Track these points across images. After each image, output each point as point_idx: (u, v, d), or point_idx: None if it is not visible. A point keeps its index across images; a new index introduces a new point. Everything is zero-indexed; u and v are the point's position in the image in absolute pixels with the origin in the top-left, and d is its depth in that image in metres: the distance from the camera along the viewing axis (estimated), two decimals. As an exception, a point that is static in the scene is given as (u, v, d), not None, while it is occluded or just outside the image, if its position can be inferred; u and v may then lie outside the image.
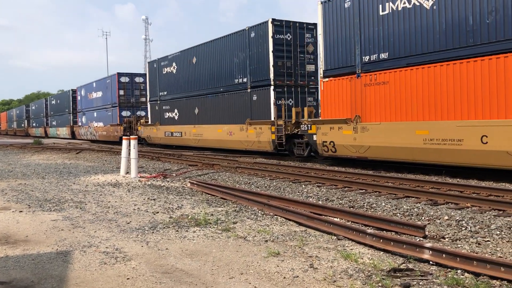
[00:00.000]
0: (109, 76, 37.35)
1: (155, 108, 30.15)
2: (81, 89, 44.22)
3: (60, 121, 52.70)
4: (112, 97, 36.11)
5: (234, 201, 9.30)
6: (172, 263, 5.28)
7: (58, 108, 53.29)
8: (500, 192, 9.36)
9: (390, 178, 11.87)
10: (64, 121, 50.56)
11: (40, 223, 7.51)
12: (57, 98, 54.31)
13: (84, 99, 43.85)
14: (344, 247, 5.86)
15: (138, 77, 36.11)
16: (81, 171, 15.85)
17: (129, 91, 35.29)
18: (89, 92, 41.94)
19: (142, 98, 35.13)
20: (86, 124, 42.90)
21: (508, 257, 5.41)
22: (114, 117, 36.00)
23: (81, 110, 44.57)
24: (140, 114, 34.96)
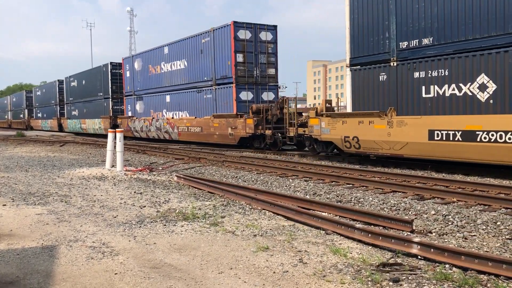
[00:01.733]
0: (207, 31, 22.62)
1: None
2: (132, 60, 31.30)
3: (87, 110, 38.90)
4: (219, 67, 22.12)
5: (221, 195, 9.26)
6: (161, 258, 5.23)
7: (82, 91, 40.14)
8: (485, 187, 9.48)
9: (377, 172, 11.94)
10: (96, 110, 36.66)
11: (24, 217, 7.38)
12: (80, 78, 40.83)
13: (136, 76, 30.86)
14: (333, 241, 5.87)
15: (265, 31, 21.64)
16: (66, 164, 15.64)
17: (250, 57, 21.24)
18: (152, 64, 28.62)
19: (270, 69, 21.91)
20: (144, 115, 29.93)
21: (495, 251, 5.47)
22: (230, 103, 21.58)
23: (131, 93, 31.71)
24: (268, 96, 22.24)
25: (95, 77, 36.92)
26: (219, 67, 22.16)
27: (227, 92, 21.82)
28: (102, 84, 35.35)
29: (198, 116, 24.03)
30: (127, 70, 32.22)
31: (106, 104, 35.07)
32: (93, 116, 37.17)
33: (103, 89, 35.23)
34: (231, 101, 21.48)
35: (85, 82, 39.16)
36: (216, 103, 22.66)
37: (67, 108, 44.82)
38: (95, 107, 36.98)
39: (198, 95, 24.11)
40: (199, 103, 24.11)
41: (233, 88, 21.36)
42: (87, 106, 38.81)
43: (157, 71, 28.19)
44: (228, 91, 21.75)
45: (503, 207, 7.79)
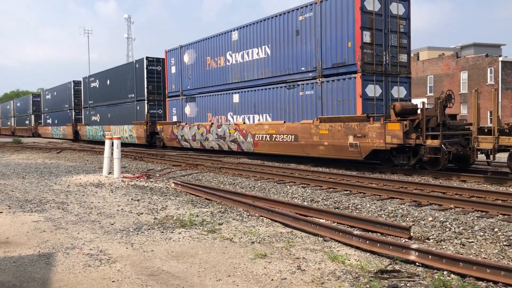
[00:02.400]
0: (310, 4, 16.88)
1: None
2: (180, 53, 24.95)
3: (112, 115, 33.07)
4: (329, 51, 16.27)
5: (219, 202, 9.25)
6: (158, 265, 5.21)
7: (107, 92, 34.02)
8: (482, 193, 9.50)
9: (374, 179, 11.95)
10: (125, 115, 31.04)
11: (21, 224, 7.35)
12: (103, 78, 34.98)
13: (185, 71, 24.54)
14: (331, 248, 5.86)
15: (396, 2, 16.03)
16: (63, 171, 15.59)
17: (379, 37, 15.63)
18: (211, 55, 22.34)
19: (401, 55, 16.27)
20: (197, 119, 23.68)
21: (493, 258, 5.47)
22: (350, 101, 15.53)
23: (177, 93, 25.44)
24: (399, 92, 16.26)
25: (125, 75, 31.05)
26: (330, 52, 16.00)
27: (344, 85, 15.55)
28: (135, 83, 29.45)
29: (289, 120, 17.56)
30: (172, 65, 25.74)
31: (139, 108, 29.08)
32: (121, 122, 31.27)
33: (136, 89, 29.33)
34: (354, 97, 15.27)
35: (111, 82, 33.34)
36: (322, 102, 16.39)
37: (85, 113, 38.71)
38: (124, 111, 31.19)
39: (288, 92, 17.67)
40: (290, 103, 17.54)
41: (358, 80, 15.04)
42: (113, 110, 32.92)
43: (219, 64, 21.65)
44: (347, 84, 15.42)
45: (500, 213, 7.80)
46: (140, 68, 29.02)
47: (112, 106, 33.43)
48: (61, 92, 45.51)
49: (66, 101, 43.91)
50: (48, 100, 50.22)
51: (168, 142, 25.90)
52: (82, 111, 39.80)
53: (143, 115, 28.60)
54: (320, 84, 16.48)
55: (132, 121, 29.70)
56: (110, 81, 33.63)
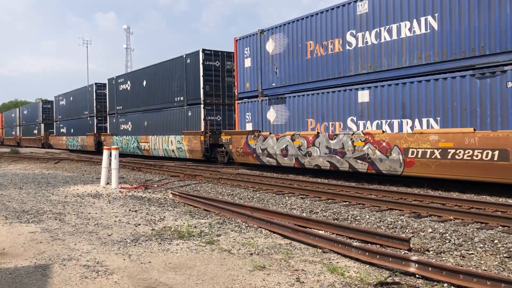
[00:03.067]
0: None
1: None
2: (260, 40, 18.93)
3: (151, 123, 27.80)
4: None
5: (217, 213, 9.20)
6: (156, 277, 5.16)
7: (143, 96, 28.79)
8: (481, 204, 9.47)
9: (373, 190, 11.91)
10: (171, 123, 25.82)
11: (17, 235, 7.28)
12: (136, 79, 29.74)
13: (268, 63, 18.59)
14: (330, 260, 5.82)
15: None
16: (60, 182, 15.53)
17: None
18: (315, 39, 16.46)
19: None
20: (286, 128, 17.76)
21: (493, 270, 5.43)
22: None
23: (255, 93, 19.41)
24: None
25: (170, 74, 25.76)
26: None
27: None
28: (185, 83, 24.15)
29: (483, 127, 11.46)
30: (246, 57, 19.57)
31: (192, 114, 23.62)
32: (165, 131, 26.09)
33: (187, 91, 23.98)
34: None
35: (148, 83, 28.11)
36: None
37: (112, 121, 33.02)
38: (168, 118, 26.01)
39: (480, 84, 11.51)
40: (483, 101, 11.47)
41: None
42: (152, 118, 27.67)
43: (331, 49, 15.70)
44: None
45: (500, 225, 7.77)
46: (193, 64, 23.41)
47: (150, 112, 27.80)
48: (79, 97, 39.46)
49: (85, 107, 37.88)
50: (63, 107, 43.88)
51: (240, 158, 19.69)
52: (108, 118, 34.05)
53: (197, 123, 23.07)
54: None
55: (182, 131, 24.16)
56: (148, 81, 28.06)
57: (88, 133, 37.06)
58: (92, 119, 36.94)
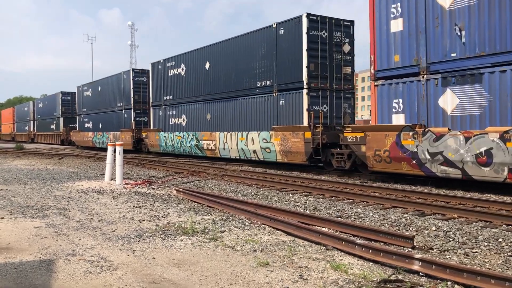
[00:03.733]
0: None
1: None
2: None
3: (217, 116, 22.22)
4: None
5: (221, 209, 9.21)
6: (159, 273, 5.17)
7: (210, 81, 22.74)
8: (485, 203, 9.44)
9: (377, 188, 11.89)
10: (249, 114, 20.08)
11: (22, 230, 7.32)
12: (194, 60, 24.14)
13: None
14: (333, 257, 5.82)
15: None
16: (65, 177, 15.59)
17: None
18: None
19: None
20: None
21: (497, 269, 5.42)
22: None
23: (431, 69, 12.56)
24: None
25: (248, 53, 19.87)
26: None
27: None
28: (275, 62, 18.26)
29: None
30: (394, 18, 13.59)
31: (286, 103, 17.84)
32: (242, 126, 20.29)
33: (281, 72, 18.09)
34: None
35: (214, 65, 22.29)
36: None
37: (157, 113, 27.46)
38: (245, 109, 20.11)
39: None
40: None
41: None
42: (220, 109, 21.84)
43: None
44: None
45: (505, 223, 7.74)
46: (290, 35, 17.71)
47: (216, 102, 22.22)
48: (110, 87, 33.84)
49: (119, 98, 32.20)
50: (88, 98, 38.01)
51: (381, 165, 13.71)
52: (151, 111, 28.35)
53: (295, 115, 17.41)
54: None
55: (272, 125, 18.38)
56: (213, 63, 22.44)
57: (123, 128, 31.32)
58: (128, 112, 31.09)
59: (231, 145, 20.88)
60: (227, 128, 21.37)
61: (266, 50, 18.95)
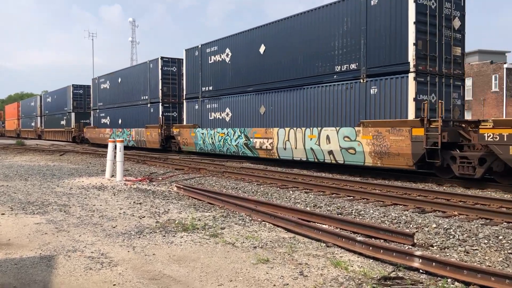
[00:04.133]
0: None
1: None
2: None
3: (276, 108, 18.35)
4: None
5: (221, 206, 9.22)
6: (160, 269, 5.18)
7: (261, 69, 19.13)
8: (486, 200, 9.44)
9: (378, 185, 11.89)
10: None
11: (23, 226, 7.33)
12: (226, 46, 21.48)
13: None
14: (333, 254, 5.82)
15: None
16: (65, 174, 15.59)
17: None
18: None
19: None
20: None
21: (497, 266, 5.42)
22: None
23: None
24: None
25: (325, 27, 16.09)
26: None
27: None
28: (367, 41, 14.67)
29: None
30: None
31: (392, 89, 13.93)
32: (309, 121, 16.66)
33: (386, 55, 14.08)
34: None
35: (272, 47, 18.43)
36: None
37: (192, 107, 23.85)
38: (317, 99, 16.40)
39: None
40: None
41: None
42: (278, 100, 18.13)
43: None
44: None
45: (505, 221, 7.74)
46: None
47: (271, 92, 18.42)
48: (133, 78, 30.36)
49: (143, 90, 28.90)
50: (105, 91, 34.56)
51: None
52: (184, 105, 24.69)
53: (397, 107, 13.77)
54: None
55: (360, 120, 14.67)
56: (270, 45, 18.64)
57: (149, 124, 27.86)
58: (155, 106, 27.62)
59: (294, 144, 16.96)
60: (289, 124, 17.51)
61: (351, 25, 15.21)
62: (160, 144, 26.53)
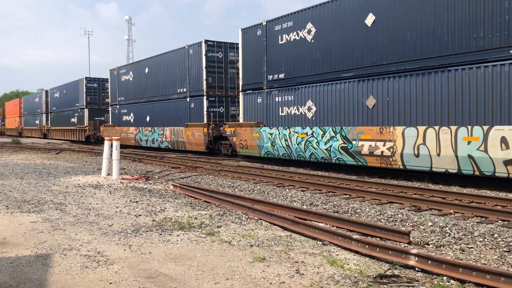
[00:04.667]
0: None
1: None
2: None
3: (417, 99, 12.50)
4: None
5: (218, 204, 9.22)
6: (156, 268, 5.18)
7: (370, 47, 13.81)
8: (481, 199, 9.47)
9: (374, 183, 11.92)
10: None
11: (18, 224, 7.31)
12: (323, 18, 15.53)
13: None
14: (330, 252, 5.83)
15: None
16: (61, 172, 15.55)
17: None
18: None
19: None
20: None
21: (492, 264, 5.44)
22: None
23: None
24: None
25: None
26: None
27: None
28: None
29: None
30: None
31: None
32: (462, 117, 11.54)
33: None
34: None
35: (381, 14, 13.43)
36: None
37: (253, 101, 18.98)
38: (467, 84, 11.42)
39: None
40: None
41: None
42: (402, 88, 12.97)
43: None
44: None
45: (500, 219, 7.78)
46: None
47: (400, 76, 13.15)
48: (165, 66, 25.67)
49: (180, 81, 24.36)
50: (127, 84, 29.82)
51: None
52: (241, 98, 19.73)
53: None
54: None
55: None
56: (380, 13, 13.68)
57: (190, 122, 23.30)
58: (197, 100, 22.98)
59: (436, 149, 12.02)
60: (422, 120, 12.55)
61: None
62: (207, 146, 22.10)
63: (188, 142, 23.54)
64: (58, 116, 43.90)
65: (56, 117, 44.52)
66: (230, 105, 23.20)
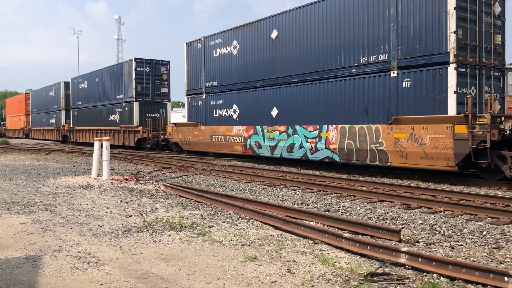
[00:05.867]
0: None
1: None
2: None
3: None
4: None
5: (209, 204, 9.21)
6: (147, 268, 5.16)
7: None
8: (471, 196, 9.56)
9: (365, 182, 11.97)
10: None
11: (7, 226, 7.24)
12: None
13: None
14: (321, 251, 5.85)
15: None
16: (51, 173, 15.43)
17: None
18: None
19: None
20: None
21: (482, 261, 5.50)
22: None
23: None
24: None
25: None
26: None
27: None
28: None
29: None
30: None
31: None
32: None
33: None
34: None
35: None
36: None
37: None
38: None
39: None
40: None
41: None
42: None
43: None
44: None
45: (489, 216, 7.86)
46: None
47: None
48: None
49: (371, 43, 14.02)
50: (220, 61, 20.77)
51: None
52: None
53: None
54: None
55: None
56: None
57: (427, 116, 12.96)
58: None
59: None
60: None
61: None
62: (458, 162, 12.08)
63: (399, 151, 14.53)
64: (87, 112, 34.38)
65: (82, 114, 35.18)
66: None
